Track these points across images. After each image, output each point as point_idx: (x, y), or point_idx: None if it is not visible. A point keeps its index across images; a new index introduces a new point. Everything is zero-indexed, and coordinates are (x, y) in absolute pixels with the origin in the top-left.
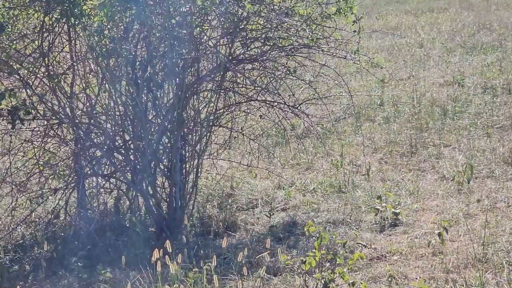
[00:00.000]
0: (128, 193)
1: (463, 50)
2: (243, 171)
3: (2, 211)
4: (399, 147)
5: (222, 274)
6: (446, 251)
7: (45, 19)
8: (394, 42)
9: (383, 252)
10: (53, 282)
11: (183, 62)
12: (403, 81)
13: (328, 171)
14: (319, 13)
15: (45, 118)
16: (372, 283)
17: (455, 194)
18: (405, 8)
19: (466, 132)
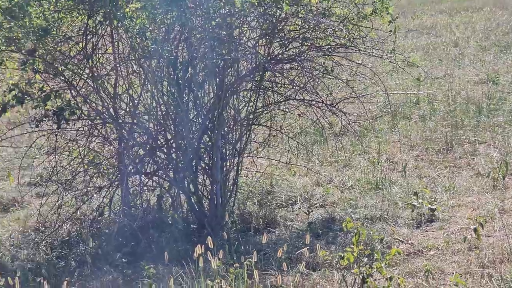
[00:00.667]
0: (170, 191)
1: (498, 48)
2: (282, 168)
3: (49, 208)
4: (435, 144)
5: (263, 270)
6: (482, 246)
7: (88, 22)
8: (429, 41)
9: (420, 247)
10: (98, 277)
11: (223, 63)
12: (438, 80)
13: (365, 168)
14: (355, 14)
15: (89, 118)
16: (409, 278)
17: (490, 190)
18: (440, 7)
19: (500, 130)
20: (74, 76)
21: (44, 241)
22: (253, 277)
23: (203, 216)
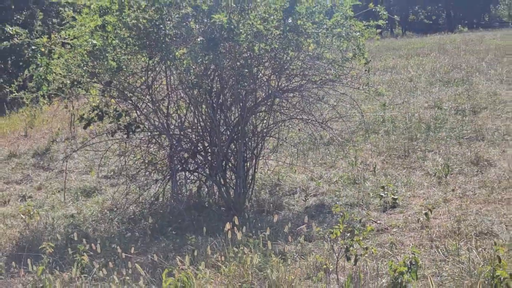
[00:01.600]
0: (207, 183)
1: (441, 83)
2: (286, 168)
3: (119, 195)
4: (396, 151)
5: (273, 241)
6: (431, 225)
7: (149, 62)
8: (392, 78)
9: (386, 226)
10: (156, 245)
11: (245, 92)
12: (398, 105)
13: (346, 168)
14: (340, 57)
15: (149, 131)
16: (379, 248)
17: (436, 185)
18: (399, 53)
19: (443, 142)
20: (138, 100)
21: (116, 218)
22: (267, 245)
23: (230, 202)
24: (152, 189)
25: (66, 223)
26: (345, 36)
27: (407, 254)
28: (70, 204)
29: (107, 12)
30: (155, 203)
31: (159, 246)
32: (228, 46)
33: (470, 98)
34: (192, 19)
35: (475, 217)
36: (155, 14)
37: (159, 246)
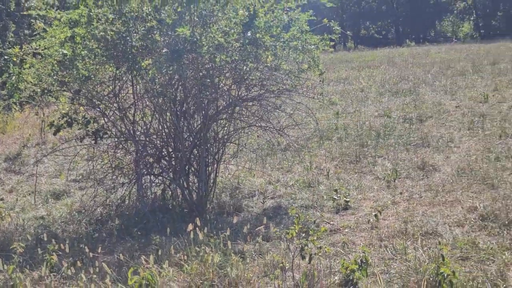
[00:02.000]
0: (171, 186)
1: (390, 93)
2: (246, 172)
3: (88, 197)
4: (348, 157)
5: (233, 240)
6: (380, 226)
7: (116, 71)
8: (344, 88)
9: (339, 226)
10: (122, 244)
11: (207, 101)
12: (350, 114)
13: (301, 173)
14: (296, 68)
15: (116, 137)
16: (332, 247)
17: (385, 188)
18: (351, 65)
19: (392, 148)
20: (106, 108)
21: (84, 219)
22: (227, 245)
23: (192, 204)
24: (118, 192)
25: (36, 224)
26: (301, 49)
27: (358, 253)
28: (40, 206)
29: (76, 24)
30: (121, 205)
31: (125, 246)
32: (191, 57)
33: (417, 108)
34: (157, 31)
35: (421, 218)
36: (122, 27)
37: (125, 246)
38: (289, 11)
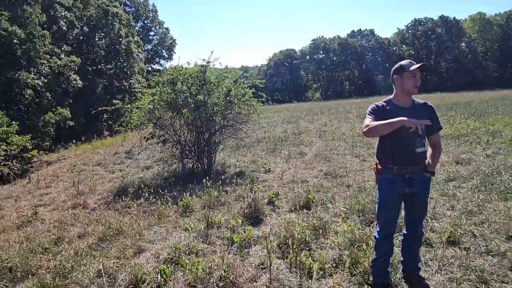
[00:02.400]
0: (195, 164)
1: (287, 123)
2: (227, 157)
3: (160, 169)
4: (270, 149)
5: (222, 186)
6: (283, 178)
7: (171, 114)
8: (267, 121)
9: (266, 179)
10: (176, 188)
11: (210, 126)
12: (271, 131)
13: (251, 156)
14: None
15: (172, 142)
16: (263, 187)
17: (285, 163)
18: (271, 110)
19: (288, 146)
20: (167, 130)
21: (159, 178)
22: (220, 188)
23: (204, 171)
24: (173, 166)
25: (138, 180)
26: (249, 104)
27: (274, 190)
28: (140, 172)
29: (154, 94)
30: (175, 172)
31: (177, 189)
32: (203, 108)
33: (297, 128)
34: (189, 97)
35: (300, 175)
36: (174, 96)
37: (177, 188)
38: (245, 86)
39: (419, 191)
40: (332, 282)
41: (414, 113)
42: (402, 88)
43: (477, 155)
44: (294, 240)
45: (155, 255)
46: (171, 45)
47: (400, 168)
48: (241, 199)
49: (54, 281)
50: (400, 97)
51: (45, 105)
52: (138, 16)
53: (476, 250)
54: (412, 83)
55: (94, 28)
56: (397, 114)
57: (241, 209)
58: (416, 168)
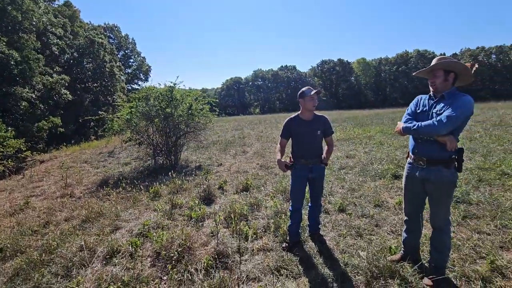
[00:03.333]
0: (165, 160)
1: (234, 130)
2: (189, 155)
3: (137, 165)
4: (221, 149)
5: (185, 177)
6: (230, 170)
7: (146, 123)
8: (220, 127)
9: (218, 170)
10: (148, 179)
11: (177, 132)
12: (223, 135)
13: (208, 154)
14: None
15: (146, 144)
16: (215, 177)
17: (233, 158)
18: (223, 121)
19: (235, 146)
20: (143, 135)
21: (135, 171)
22: (183, 178)
23: (171, 165)
24: (147, 162)
25: (118, 174)
26: (206, 116)
27: (224, 178)
28: (120, 168)
29: (132, 107)
30: (149, 167)
31: (149, 180)
32: (171, 119)
33: (243, 134)
34: (159, 110)
35: (238, 167)
36: (148, 108)
37: (149, 179)
38: (204, 103)
39: (317, 176)
40: (262, 242)
41: (314, 124)
42: (305, 107)
43: (359, 151)
44: (236, 214)
45: (129, 231)
46: (147, 70)
47: (306, 161)
48: (199, 186)
49: (41, 257)
50: (304, 113)
51: (39, 114)
52: (120, 46)
53: (355, 215)
54: (311, 104)
55: (83, 54)
56: (301, 125)
57: (198, 193)
58: (316, 160)
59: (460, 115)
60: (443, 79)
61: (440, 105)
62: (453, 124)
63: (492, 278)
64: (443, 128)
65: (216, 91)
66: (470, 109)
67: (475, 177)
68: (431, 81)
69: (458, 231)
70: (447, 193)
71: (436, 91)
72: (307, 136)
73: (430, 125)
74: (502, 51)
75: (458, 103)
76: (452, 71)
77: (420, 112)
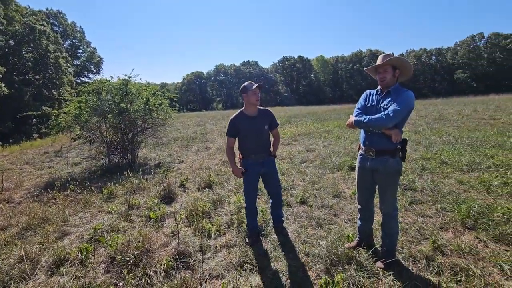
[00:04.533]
0: (121, 159)
1: (197, 126)
2: (148, 152)
3: (89, 164)
4: (184, 144)
5: (143, 175)
6: (192, 167)
7: (98, 119)
8: (181, 123)
9: (180, 168)
10: (102, 179)
11: (133, 128)
12: (185, 132)
13: (168, 151)
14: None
15: (99, 142)
16: (177, 174)
17: (195, 155)
18: (185, 117)
19: (197, 142)
20: (94, 132)
21: (86, 172)
22: (140, 177)
23: (128, 164)
24: (101, 161)
25: (67, 175)
26: (165, 111)
27: (185, 176)
28: (69, 168)
29: (81, 101)
30: (102, 166)
31: (103, 180)
32: (127, 114)
33: (205, 129)
34: (113, 104)
35: (205, 163)
36: (100, 103)
37: (102, 180)
38: (162, 98)
39: (269, 170)
40: (225, 239)
41: (260, 119)
42: (249, 102)
43: (319, 145)
44: (198, 211)
45: (79, 236)
46: (98, 62)
47: (256, 156)
48: (158, 184)
49: None
50: (248, 109)
51: None
52: (66, 35)
53: (315, 206)
54: (254, 98)
55: (21, 42)
56: (248, 121)
57: (158, 192)
58: (265, 154)
59: (404, 109)
60: (392, 75)
61: (386, 100)
62: (398, 118)
63: (434, 257)
64: (390, 121)
65: (177, 86)
66: (412, 103)
67: (420, 166)
68: (381, 77)
69: (406, 216)
70: (394, 181)
71: (385, 86)
72: (255, 132)
73: (379, 119)
74: (441, 53)
75: (401, 98)
76: (398, 67)
77: (370, 106)
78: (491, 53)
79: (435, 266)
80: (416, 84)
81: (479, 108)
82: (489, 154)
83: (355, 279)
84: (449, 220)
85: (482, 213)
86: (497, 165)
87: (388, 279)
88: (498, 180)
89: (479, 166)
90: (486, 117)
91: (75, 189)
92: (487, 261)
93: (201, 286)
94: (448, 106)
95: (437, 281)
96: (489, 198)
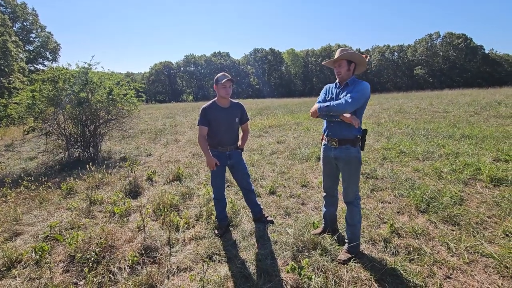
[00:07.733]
0: (82, 153)
1: (166, 118)
2: (113, 145)
3: (46, 158)
4: (150, 137)
5: (107, 169)
6: (161, 159)
7: (54, 109)
8: (150, 116)
9: (147, 161)
10: (61, 175)
11: (95, 120)
12: (153, 124)
13: (135, 144)
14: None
15: (57, 134)
16: (144, 168)
17: (164, 147)
18: (153, 109)
19: (165, 134)
20: (51, 124)
21: (44, 167)
22: (104, 171)
23: (90, 158)
24: (59, 155)
25: (20, 170)
26: (131, 102)
27: (154, 168)
28: (22, 163)
29: (34, 90)
30: (61, 160)
31: (62, 175)
32: (87, 104)
33: (175, 122)
34: (72, 94)
35: (175, 156)
36: (56, 92)
37: (61, 175)
38: (127, 88)
39: (236, 162)
40: (194, 231)
41: (232, 111)
42: (219, 94)
43: (289, 137)
44: (165, 205)
45: (34, 236)
46: (55, 48)
47: (223, 148)
48: (124, 179)
49: None
50: (220, 100)
51: None
52: (15, 17)
53: (284, 196)
54: (223, 92)
55: None
56: (219, 112)
57: (123, 186)
58: (232, 147)
59: (361, 96)
60: (347, 69)
61: (345, 92)
62: (356, 104)
63: (391, 239)
64: (349, 106)
65: (144, 76)
66: (368, 92)
67: (381, 156)
68: (337, 71)
69: (368, 203)
70: (355, 169)
71: (341, 79)
72: (226, 123)
73: (340, 104)
74: (402, 49)
75: (359, 87)
76: (353, 61)
77: (330, 99)
78: (446, 51)
79: (391, 247)
80: (380, 79)
81: (434, 102)
82: (441, 144)
83: (319, 263)
84: (405, 205)
85: (433, 197)
86: (448, 153)
87: (350, 262)
88: (448, 167)
89: (432, 155)
90: (440, 110)
91: (30, 185)
92: (436, 240)
93: (168, 280)
94: (407, 100)
95: (393, 261)
96: (440, 184)
